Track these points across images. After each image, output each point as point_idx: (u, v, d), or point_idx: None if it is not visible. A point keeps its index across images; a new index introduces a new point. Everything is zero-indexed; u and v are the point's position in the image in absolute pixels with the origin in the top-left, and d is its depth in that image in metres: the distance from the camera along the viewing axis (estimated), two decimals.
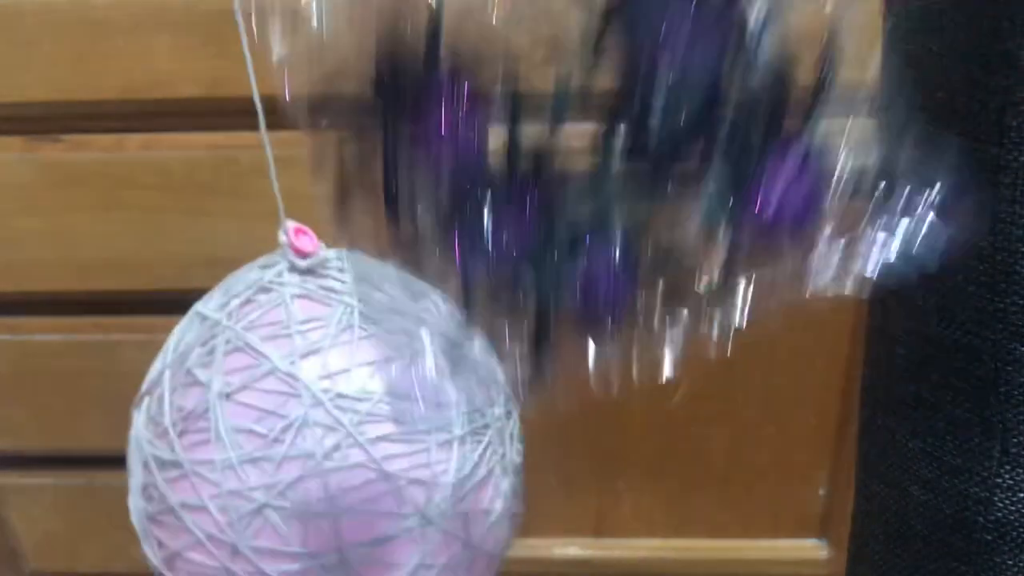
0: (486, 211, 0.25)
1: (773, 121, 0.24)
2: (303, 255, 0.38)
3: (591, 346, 0.27)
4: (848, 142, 0.25)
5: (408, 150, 0.25)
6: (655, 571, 0.79)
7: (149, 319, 0.70)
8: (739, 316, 0.26)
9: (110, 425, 0.74)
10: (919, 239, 0.25)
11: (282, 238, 0.39)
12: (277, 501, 0.34)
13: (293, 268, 0.38)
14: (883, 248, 0.25)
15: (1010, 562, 0.33)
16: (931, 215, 0.25)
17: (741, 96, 0.24)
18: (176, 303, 0.70)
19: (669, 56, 0.23)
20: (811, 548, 0.77)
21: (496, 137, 0.25)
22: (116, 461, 0.77)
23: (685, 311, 0.26)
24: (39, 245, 0.66)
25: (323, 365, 0.36)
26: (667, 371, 0.27)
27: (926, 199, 0.25)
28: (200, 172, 0.63)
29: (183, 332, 0.41)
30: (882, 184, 0.25)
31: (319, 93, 0.26)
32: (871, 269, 0.25)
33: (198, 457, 0.36)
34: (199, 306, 0.41)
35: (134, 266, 0.67)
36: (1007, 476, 0.33)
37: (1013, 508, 0.33)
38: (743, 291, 0.26)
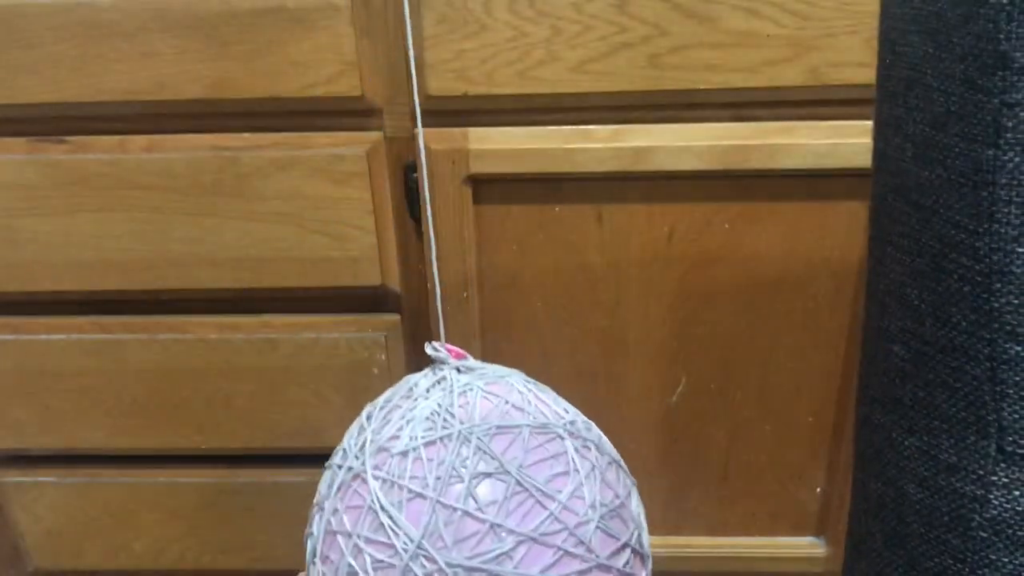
0: None
1: None
2: (463, 359, 0.53)
3: None
4: None
5: None
6: (654, 568, 0.79)
7: (151, 319, 0.70)
8: None
9: (112, 424, 0.75)
10: None
11: (440, 354, 0.53)
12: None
13: (460, 371, 0.53)
14: None
15: (1005, 559, 0.33)
16: None
17: None
18: (178, 303, 0.70)
19: None
20: (808, 545, 0.77)
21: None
22: (118, 460, 0.77)
23: None
24: (43, 245, 0.66)
25: (544, 410, 0.51)
26: None
27: None
28: (203, 173, 0.63)
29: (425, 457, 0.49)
30: None
31: None
32: None
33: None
34: (396, 446, 0.49)
35: (137, 266, 0.67)
36: (1002, 474, 0.33)
37: (1008, 506, 0.33)
38: None
